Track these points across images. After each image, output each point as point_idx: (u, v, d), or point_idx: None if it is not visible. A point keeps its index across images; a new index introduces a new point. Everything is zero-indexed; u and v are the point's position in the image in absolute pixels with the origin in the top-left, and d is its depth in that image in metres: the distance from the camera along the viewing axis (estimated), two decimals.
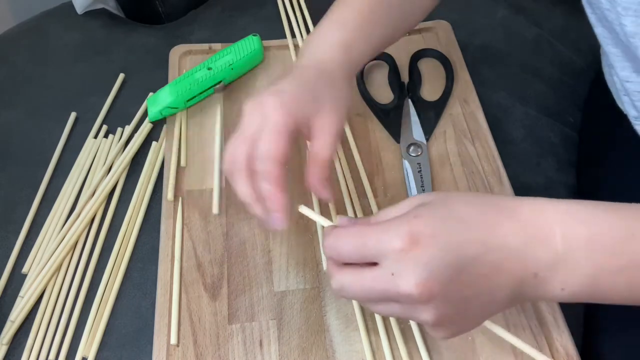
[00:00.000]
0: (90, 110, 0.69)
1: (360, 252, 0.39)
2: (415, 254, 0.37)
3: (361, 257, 0.40)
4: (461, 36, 0.73)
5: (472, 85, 0.68)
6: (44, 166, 0.65)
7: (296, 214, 0.47)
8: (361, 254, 0.39)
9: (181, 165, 0.62)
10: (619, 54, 0.54)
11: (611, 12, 0.49)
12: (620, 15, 0.47)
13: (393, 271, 0.38)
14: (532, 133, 0.69)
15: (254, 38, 0.68)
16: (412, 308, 0.39)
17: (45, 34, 0.80)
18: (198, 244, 0.56)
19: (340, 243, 0.40)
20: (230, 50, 0.67)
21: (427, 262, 0.37)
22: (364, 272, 0.39)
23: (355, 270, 0.40)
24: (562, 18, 0.81)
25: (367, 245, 0.39)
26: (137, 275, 0.57)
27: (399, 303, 0.39)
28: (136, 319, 0.55)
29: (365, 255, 0.39)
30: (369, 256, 0.39)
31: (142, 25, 0.81)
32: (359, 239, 0.40)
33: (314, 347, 0.50)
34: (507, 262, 0.39)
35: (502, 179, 0.60)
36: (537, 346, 0.50)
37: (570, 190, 0.66)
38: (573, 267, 0.39)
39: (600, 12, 0.51)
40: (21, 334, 0.54)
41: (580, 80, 0.76)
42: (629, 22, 0.46)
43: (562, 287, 0.39)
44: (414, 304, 0.38)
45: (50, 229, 0.60)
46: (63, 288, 0.56)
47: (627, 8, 0.46)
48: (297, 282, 0.54)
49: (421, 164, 0.60)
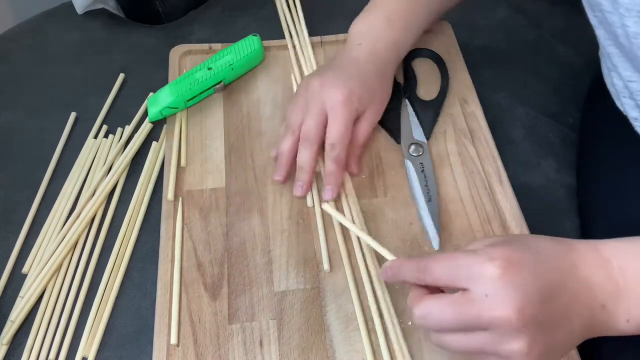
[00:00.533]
0: (90, 110, 0.69)
1: (453, 275, 0.40)
2: (510, 278, 0.38)
3: (452, 279, 0.40)
4: (461, 36, 0.73)
5: (472, 85, 0.68)
6: (44, 166, 0.65)
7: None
8: (453, 276, 0.40)
9: (181, 165, 0.62)
10: (620, 55, 0.54)
11: (613, 14, 0.49)
12: (623, 16, 0.47)
13: (487, 293, 0.38)
14: (532, 133, 0.69)
15: (254, 38, 0.68)
16: (503, 336, 0.38)
17: (45, 34, 0.80)
18: (198, 244, 0.56)
19: (432, 265, 0.41)
20: (230, 50, 0.67)
21: (522, 285, 0.38)
22: (454, 297, 0.39)
23: (445, 295, 0.40)
24: (562, 18, 0.81)
25: (459, 267, 0.39)
26: (137, 275, 0.57)
27: (489, 331, 0.38)
28: (136, 319, 0.55)
29: (456, 278, 0.39)
30: (461, 279, 0.39)
31: (142, 25, 0.81)
32: (451, 261, 0.40)
33: (314, 347, 0.50)
34: (580, 292, 0.40)
35: (502, 179, 0.60)
36: None
37: (569, 191, 0.66)
38: (634, 297, 0.40)
39: (601, 14, 0.51)
40: (21, 334, 0.54)
41: (580, 80, 0.76)
42: (631, 22, 0.47)
43: (627, 318, 0.41)
44: (507, 331, 0.38)
45: (50, 229, 0.60)
46: (63, 288, 0.56)
47: (630, 9, 0.46)
48: (297, 282, 0.54)
49: (423, 163, 0.61)
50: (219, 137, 0.64)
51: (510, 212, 0.58)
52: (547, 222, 0.62)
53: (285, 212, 0.58)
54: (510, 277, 0.38)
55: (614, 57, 0.55)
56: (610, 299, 0.41)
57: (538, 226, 0.57)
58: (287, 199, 0.59)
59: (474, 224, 0.57)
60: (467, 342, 0.40)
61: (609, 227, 0.60)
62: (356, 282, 0.53)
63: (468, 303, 0.38)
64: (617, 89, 0.60)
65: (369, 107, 0.60)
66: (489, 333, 0.38)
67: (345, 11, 0.67)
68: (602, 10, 0.50)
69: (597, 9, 0.52)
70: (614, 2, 0.48)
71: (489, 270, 0.38)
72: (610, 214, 0.61)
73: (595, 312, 0.40)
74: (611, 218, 0.60)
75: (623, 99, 0.59)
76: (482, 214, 0.58)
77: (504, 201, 0.58)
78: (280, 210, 0.58)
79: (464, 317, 0.39)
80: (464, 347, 0.40)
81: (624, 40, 0.50)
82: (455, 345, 0.40)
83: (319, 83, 0.58)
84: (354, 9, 0.64)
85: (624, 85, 0.57)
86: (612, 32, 0.52)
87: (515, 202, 0.58)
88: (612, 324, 0.41)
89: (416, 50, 0.69)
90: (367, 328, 0.51)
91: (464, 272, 0.39)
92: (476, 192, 0.59)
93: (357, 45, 0.61)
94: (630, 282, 0.41)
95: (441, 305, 0.40)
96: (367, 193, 0.60)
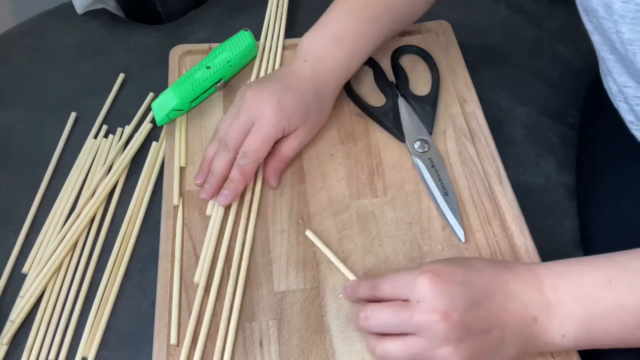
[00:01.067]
0: (90, 110, 0.69)
1: (395, 288, 0.46)
2: (438, 287, 0.43)
3: (395, 293, 0.46)
4: (461, 36, 0.73)
5: (472, 85, 0.68)
6: (44, 166, 0.65)
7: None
8: (396, 290, 0.46)
9: (181, 165, 0.62)
10: (616, 61, 0.54)
11: (608, 20, 0.49)
12: (617, 22, 0.48)
13: (419, 300, 0.44)
14: (532, 133, 0.69)
15: (245, 33, 0.69)
16: (434, 339, 0.43)
17: (45, 34, 0.80)
18: (198, 244, 0.56)
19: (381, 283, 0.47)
20: (224, 47, 0.67)
21: (448, 293, 0.43)
22: (394, 302, 0.46)
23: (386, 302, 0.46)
24: (562, 18, 0.81)
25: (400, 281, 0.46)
26: (137, 275, 0.57)
27: (421, 336, 0.44)
28: (136, 319, 0.55)
29: (398, 291, 0.46)
30: (402, 291, 0.45)
31: (142, 25, 0.81)
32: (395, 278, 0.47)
33: (314, 347, 0.50)
34: (511, 304, 0.45)
35: (502, 179, 0.60)
36: None
37: (569, 191, 0.66)
38: (566, 313, 0.44)
39: (596, 20, 0.52)
40: (21, 334, 0.54)
41: (580, 80, 0.76)
42: (626, 29, 0.47)
43: (562, 333, 0.45)
44: (437, 334, 0.43)
45: (50, 229, 0.60)
46: (63, 288, 0.56)
47: (624, 16, 0.47)
48: (297, 282, 0.54)
49: (432, 158, 0.61)
50: None
51: (510, 212, 0.58)
52: (547, 222, 0.62)
53: (285, 212, 0.58)
54: (438, 286, 0.43)
55: (609, 62, 0.55)
56: (542, 313, 0.45)
57: (538, 226, 0.57)
58: (287, 199, 0.59)
59: (474, 224, 0.57)
60: (405, 348, 0.44)
61: (608, 227, 0.60)
62: None
63: (403, 307, 0.45)
64: (612, 93, 0.60)
65: (300, 126, 0.58)
66: (422, 338, 0.44)
67: None
68: (597, 16, 0.51)
69: (592, 15, 0.52)
70: (608, 8, 0.48)
71: (420, 280, 0.44)
72: (610, 214, 0.61)
73: (527, 325, 0.45)
74: (610, 218, 0.60)
75: (618, 102, 0.59)
76: (482, 214, 0.58)
77: (504, 201, 0.58)
78: (280, 211, 0.58)
79: (398, 317, 0.45)
80: (402, 354, 0.45)
81: (619, 46, 0.50)
82: (394, 352, 0.45)
83: (253, 93, 0.58)
84: None
85: (618, 89, 0.57)
86: (607, 38, 0.52)
87: (515, 202, 0.58)
88: (548, 338, 0.45)
89: (401, 48, 0.70)
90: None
91: (403, 284, 0.45)
92: (476, 192, 0.59)
93: (302, 62, 0.60)
94: (562, 299, 0.45)
95: (382, 307, 0.46)
96: (367, 193, 0.60)
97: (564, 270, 0.46)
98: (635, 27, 0.47)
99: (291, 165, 0.62)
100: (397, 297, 0.46)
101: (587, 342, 0.45)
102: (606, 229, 0.60)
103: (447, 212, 0.57)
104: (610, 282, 0.44)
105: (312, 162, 0.62)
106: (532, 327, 0.45)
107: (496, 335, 0.44)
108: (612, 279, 0.44)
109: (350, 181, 0.60)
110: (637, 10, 0.45)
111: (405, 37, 0.72)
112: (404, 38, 0.72)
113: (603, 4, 0.49)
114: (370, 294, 0.48)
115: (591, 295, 0.44)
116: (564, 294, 0.45)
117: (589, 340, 0.45)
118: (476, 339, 0.44)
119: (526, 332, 0.45)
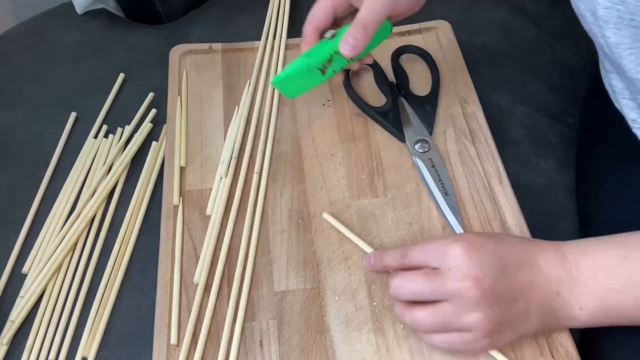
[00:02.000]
0: (90, 110, 0.69)
1: (426, 256, 0.47)
2: (470, 254, 0.45)
3: (426, 260, 0.47)
4: (461, 36, 0.73)
5: (472, 85, 0.68)
6: (44, 166, 0.65)
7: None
8: (426, 257, 0.47)
9: (181, 165, 0.62)
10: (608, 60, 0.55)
11: (594, 25, 0.51)
12: (602, 28, 0.50)
13: (450, 267, 0.45)
14: (532, 133, 0.69)
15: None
16: (464, 306, 0.44)
17: (45, 34, 0.80)
18: (198, 244, 0.56)
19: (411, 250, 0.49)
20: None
21: (480, 260, 0.45)
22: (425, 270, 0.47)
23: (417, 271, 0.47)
24: (562, 18, 0.81)
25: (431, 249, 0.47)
26: (137, 275, 0.57)
27: (451, 302, 0.45)
28: (136, 319, 0.55)
29: (428, 258, 0.47)
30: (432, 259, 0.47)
31: (142, 25, 0.81)
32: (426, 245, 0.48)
33: (314, 347, 0.50)
34: (537, 278, 0.47)
35: (502, 179, 0.60)
36: (537, 346, 0.50)
37: (569, 191, 0.66)
38: (584, 287, 0.46)
39: (586, 24, 0.54)
40: (21, 334, 0.54)
41: (579, 80, 0.76)
42: (610, 33, 0.50)
43: (580, 306, 0.47)
44: (467, 300, 0.44)
45: (51, 229, 0.60)
46: (63, 288, 0.56)
47: (607, 21, 0.49)
48: (297, 282, 0.54)
49: (432, 158, 0.61)
50: (219, 136, 0.64)
51: (510, 212, 0.58)
52: (547, 222, 0.62)
53: (285, 212, 0.58)
54: (470, 254, 0.45)
55: (606, 64, 0.56)
56: (564, 287, 0.47)
57: (538, 226, 0.57)
58: (287, 198, 0.59)
59: (474, 224, 0.57)
60: (434, 315, 0.46)
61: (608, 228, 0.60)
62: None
63: (435, 275, 0.46)
64: (615, 91, 0.60)
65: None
66: (451, 304, 0.45)
67: None
68: (586, 21, 0.53)
69: (583, 20, 0.54)
70: (593, 14, 0.50)
71: (453, 249, 0.45)
72: (610, 214, 0.61)
73: (551, 298, 0.47)
74: (611, 218, 0.60)
75: (622, 100, 0.59)
76: (482, 214, 0.58)
77: (504, 201, 0.58)
78: (280, 210, 0.58)
79: (430, 285, 0.46)
80: (431, 321, 0.46)
81: (606, 49, 0.52)
82: (423, 319, 0.46)
83: None
84: None
85: (624, 86, 0.57)
86: (597, 41, 0.54)
87: (515, 203, 0.58)
88: (568, 311, 0.47)
89: (401, 48, 0.70)
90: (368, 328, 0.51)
91: (434, 253, 0.47)
92: (476, 192, 0.59)
93: None
94: (582, 274, 0.47)
95: (412, 275, 0.47)
96: (367, 193, 0.60)
97: (585, 247, 0.48)
98: (618, 31, 0.49)
99: (291, 165, 0.62)
100: (427, 265, 0.47)
101: (602, 317, 0.47)
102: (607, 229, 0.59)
103: (448, 212, 0.57)
104: (625, 258, 0.46)
105: (312, 162, 0.62)
106: (554, 300, 0.47)
107: (521, 306, 0.46)
108: (627, 255, 0.46)
109: (350, 181, 0.60)
110: (619, 16, 0.48)
111: (405, 37, 0.72)
112: (404, 38, 0.72)
113: (589, 10, 0.51)
114: (399, 262, 0.49)
115: (608, 271, 0.47)
116: (584, 268, 0.47)
117: (604, 315, 0.47)
118: (503, 309, 0.45)
119: (548, 306, 0.47)
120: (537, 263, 0.47)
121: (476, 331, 0.45)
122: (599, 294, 0.46)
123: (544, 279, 0.47)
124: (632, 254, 0.46)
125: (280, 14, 0.76)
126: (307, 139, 0.64)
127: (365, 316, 0.52)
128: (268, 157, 0.62)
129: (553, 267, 0.47)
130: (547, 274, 0.47)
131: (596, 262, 0.47)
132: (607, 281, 0.46)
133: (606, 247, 0.48)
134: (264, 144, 0.63)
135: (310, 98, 0.67)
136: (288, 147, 0.63)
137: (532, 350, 0.49)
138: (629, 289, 0.46)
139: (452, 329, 0.46)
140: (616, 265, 0.46)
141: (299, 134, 0.64)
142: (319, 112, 0.66)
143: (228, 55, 0.71)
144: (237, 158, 0.62)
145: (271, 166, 0.62)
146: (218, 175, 0.60)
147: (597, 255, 0.47)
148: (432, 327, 0.47)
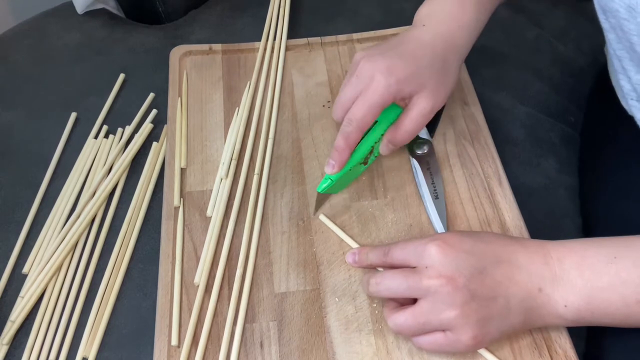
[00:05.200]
0: (90, 110, 0.69)
1: (406, 255, 0.48)
2: (445, 253, 0.46)
3: (405, 259, 0.48)
4: None
5: (472, 85, 0.68)
6: (44, 166, 0.65)
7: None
8: (406, 256, 0.48)
9: (182, 166, 0.62)
10: (634, 59, 0.54)
11: (630, 22, 0.49)
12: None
13: (427, 265, 0.46)
14: (532, 133, 0.69)
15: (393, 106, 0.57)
16: (441, 303, 0.45)
17: (45, 34, 0.80)
18: (199, 246, 0.56)
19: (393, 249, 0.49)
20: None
21: (455, 259, 0.46)
22: (403, 269, 0.48)
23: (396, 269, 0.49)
24: (562, 18, 0.81)
25: (410, 248, 0.48)
26: (138, 275, 0.57)
27: (428, 299, 0.46)
28: (137, 320, 0.55)
29: (408, 257, 0.48)
30: (412, 258, 0.48)
31: (142, 25, 0.81)
32: (406, 245, 0.49)
33: (315, 349, 0.50)
34: (517, 274, 0.47)
35: (501, 180, 0.60)
36: (535, 347, 0.50)
37: (570, 191, 0.66)
38: (570, 284, 0.46)
39: (616, 20, 0.51)
40: (21, 334, 0.54)
41: (580, 80, 0.76)
42: None
43: (565, 303, 0.46)
44: (443, 297, 0.45)
45: (51, 229, 0.60)
46: (63, 288, 0.56)
47: None
48: (297, 283, 0.54)
49: (429, 161, 0.60)
50: (219, 137, 0.64)
51: (509, 213, 0.58)
52: (548, 222, 0.62)
53: (285, 213, 0.58)
54: (446, 252, 0.46)
55: (624, 61, 0.55)
56: (547, 284, 0.46)
57: (538, 227, 0.57)
58: (287, 200, 0.59)
59: (474, 225, 0.57)
60: (414, 316, 0.46)
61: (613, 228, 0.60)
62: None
63: (412, 273, 0.47)
64: (624, 91, 0.60)
65: (417, 92, 0.53)
66: (427, 302, 0.46)
67: (344, 12, 0.67)
68: (617, 17, 0.50)
69: (612, 15, 0.52)
70: (631, 10, 0.48)
71: (429, 247, 0.47)
72: (614, 214, 0.61)
73: (532, 295, 0.46)
74: (614, 218, 0.60)
75: (630, 101, 0.58)
76: (481, 215, 0.58)
77: (504, 203, 0.58)
78: (280, 212, 0.59)
79: (407, 282, 0.47)
80: (412, 322, 0.47)
81: (639, 47, 0.50)
82: (404, 322, 0.47)
83: (365, 59, 0.54)
84: (354, 10, 0.64)
85: (632, 88, 0.57)
86: (626, 40, 0.52)
87: (514, 204, 0.58)
88: (552, 309, 0.47)
89: None
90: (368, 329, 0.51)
91: (412, 252, 0.48)
92: (476, 193, 0.59)
93: (421, 27, 0.57)
94: (566, 271, 0.46)
95: (391, 273, 0.48)
96: (367, 194, 0.60)
97: (572, 245, 0.48)
98: None
99: (291, 166, 0.62)
100: (407, 263, 0.48)
101: (588, 315, 0.46)
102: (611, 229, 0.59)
103: (434, 215, 0.57)
104: (615, 258, 0.46)
105: (312, 164, 0.62)
106: (536, 297, 0.46)
107: (501, 303, 0.46)
108: (617, 255, 0.46)
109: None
110: None
111: None
112: None
113: (626, 5, 0.48)
114: (381, 260, 0.50)
115: (595, 268, 0.46)
116: (569, 266, 0.46)
117: (591, 313, 0.46)
118: (482, 306, 0.45)
119: (531, 302, 0.46)
120: (517, 259, 0.47)
121: (457, 329, 0.45)
122: (584, 291, 0.46)
123: (525, 275, 0.46)
124: (622, 254, 0.46)
125: (281, 14, 0.76)
126: (308, 140, 0.64)
127: (365, 318, 0.52)
128: (268, 158, 0.62)
129: (534, 264, 0.47)
130: (528, 270, 0.47)
131: (584, 260, 0.46)
132: (594, 279, 0.46)
133: (595, 246, 0.47)
134: (264, 145, 0.63)
135: (311, 99, 0.67)
136: (288, 149, 0.63)
137: (530, 352, 0.50)
138: (615, 287, 0.45)
139: (433, 328, 0.46)
140: (604, 264, 0.46)
141: (300, 135, 0.64)
142: (320, 113, 0.66)
143: (228, 55, 0.71)
144: (237, 159, 0.62)
145: (271, 167, 0.62)
146: (218, 177, 0.61)
147: (586, 253, 0.47)
148: (414, 327, 0.47)
